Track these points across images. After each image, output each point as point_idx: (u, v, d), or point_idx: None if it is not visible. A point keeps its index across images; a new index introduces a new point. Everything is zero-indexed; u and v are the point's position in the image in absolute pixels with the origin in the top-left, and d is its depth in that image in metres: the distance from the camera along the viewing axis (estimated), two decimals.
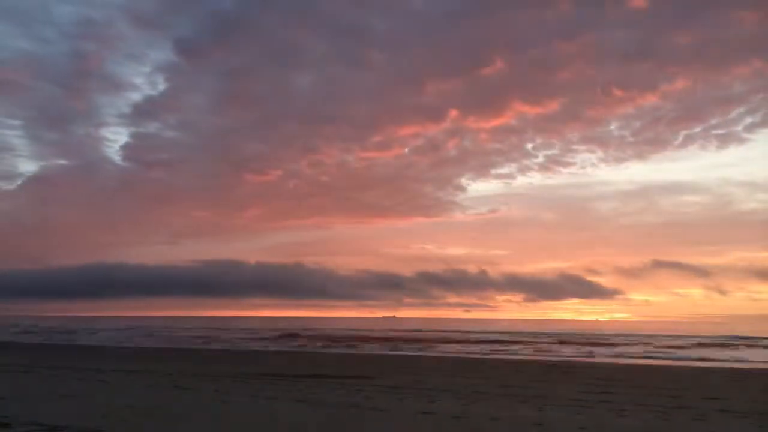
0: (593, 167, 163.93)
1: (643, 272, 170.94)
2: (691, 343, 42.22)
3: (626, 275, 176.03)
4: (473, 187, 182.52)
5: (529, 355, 31.73)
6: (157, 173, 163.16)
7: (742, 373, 21.89)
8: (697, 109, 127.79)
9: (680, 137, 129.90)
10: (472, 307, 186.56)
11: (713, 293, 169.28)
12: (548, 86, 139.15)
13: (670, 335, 52.90)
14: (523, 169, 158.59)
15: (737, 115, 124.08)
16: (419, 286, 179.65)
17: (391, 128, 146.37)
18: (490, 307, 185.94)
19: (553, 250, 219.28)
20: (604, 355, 31.52)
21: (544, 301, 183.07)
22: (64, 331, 61.29)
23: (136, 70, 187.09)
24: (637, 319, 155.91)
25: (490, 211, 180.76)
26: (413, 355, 31.35)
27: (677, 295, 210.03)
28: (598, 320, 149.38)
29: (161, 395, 12.22)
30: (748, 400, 13.06)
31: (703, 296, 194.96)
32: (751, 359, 28.53)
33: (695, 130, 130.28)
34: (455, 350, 35.09)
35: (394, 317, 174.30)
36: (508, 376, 18.88)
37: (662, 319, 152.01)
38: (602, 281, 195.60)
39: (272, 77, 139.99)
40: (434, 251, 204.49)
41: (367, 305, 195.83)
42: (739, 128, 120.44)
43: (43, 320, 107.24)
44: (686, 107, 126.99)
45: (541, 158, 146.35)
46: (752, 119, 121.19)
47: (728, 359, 28.54)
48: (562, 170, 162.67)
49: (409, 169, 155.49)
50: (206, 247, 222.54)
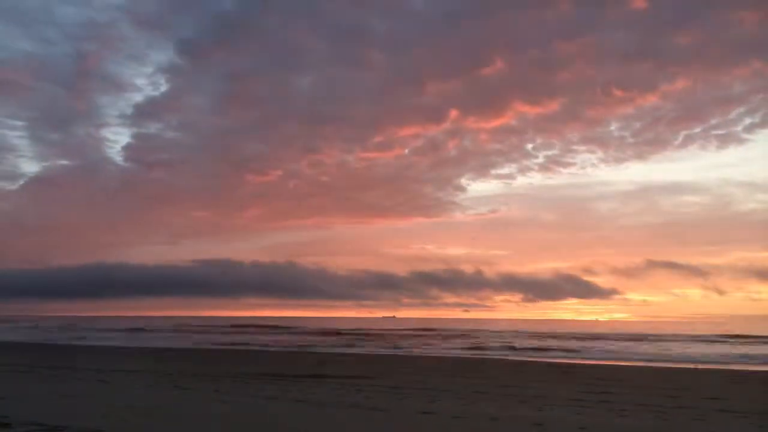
0: (593, 167, 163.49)
1: (642, 272, 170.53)
2: (691, 342, 42.20)
3: (625, 275, 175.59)
4: (473, 187, 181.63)
5: (534, 357, 31.75)
6: (158, 173, 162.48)
7: (742, 373, 21.90)
8: (697, 109, 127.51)
9: (680, 137, 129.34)
10: (470, 307, 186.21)
11: (713, 293, 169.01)
12: (548, 86, 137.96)
13: (675, 334, 52.87)
14: (523, 169, 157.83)
15: (737, 115, 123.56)
16: (419, 286, 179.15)
17: (391, 129, 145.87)
18: (488, 307, 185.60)
19: (553, 250, 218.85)
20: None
21: (542, 301, 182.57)
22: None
23: (137, 70, 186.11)
24: (636, 319, 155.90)
25: (490, 211, 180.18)
26: (413, 355, 31.35)
27: (677, 295, 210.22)
28: (597, 320, 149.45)
29: (161, 395, 12.22)
30: (747, 400, 13.07)
31: (702, 296, 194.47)
32: (750, 359, 28.52)
33: (695, 130, 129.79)
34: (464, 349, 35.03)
35: (393, 317, 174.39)
36: (508, 376, 18.89)
37: (662, 319, 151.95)
38: (601, 281, 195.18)
39: (273, 78, 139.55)
40: (434, 251, 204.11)
41: (366, 305, 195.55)
42: (738, 128, 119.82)
43: (44, 320, 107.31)
44: (686, 107, 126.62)
45: (541, 158, 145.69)
46: (752, 120, 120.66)
47: (728, 359, 28.55)
48: (562, 170, 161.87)
49: (409, 169, 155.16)
50: (206, 247, 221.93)
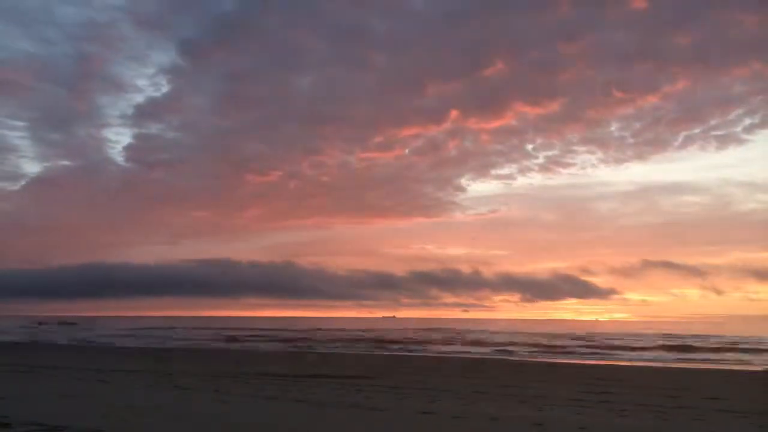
0: (593, 168, 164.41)
1: (642, 272, 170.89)
2: (690, 342, 42.19)
3: (625, 275, 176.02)
4: (473, 187, 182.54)
5: (531, 357, 31.75)
6: (159, 174, 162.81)
7: (742, 373, 21.90)
8: (696, 110, 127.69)
9: (680, 138, 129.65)
10: (470, 307, 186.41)
11: (712, 293, 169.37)
12: (549, 87, 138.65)
13: (679, 335, 52.86)
14: (523, 169, 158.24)
15: (736, 116, 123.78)
16: (418, 286, 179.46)
17: (391, 129, 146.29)
18: (487, 307, 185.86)
19: (552, 250, 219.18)
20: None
21: (541, 301, 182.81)
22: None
23: (138, 71, 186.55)
24: (636, 319, 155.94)
25: (490, 211, 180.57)
26: (413, 355, 31.36)
27: (676, 295, 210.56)
28: (597, 320, 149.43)
29: (161, 395, 12.21)
30: (747, 400, 13.08)
31: (701, 296, 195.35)
32: (750, 359, 28.52)
33: (695, 131, 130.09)
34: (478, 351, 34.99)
35: (393, 317, 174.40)
36: (508, 376, 18.89)
37: (661, 319, 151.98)
38: (601, 281, 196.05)
39: (273, 78, 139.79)
40: (434, 251, 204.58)
41: (366, 305, 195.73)
42: (738, 129, 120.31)
43: (45, 320, 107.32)
44: (686, 108, 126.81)
45: (541, 159, 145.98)
46: (751, 120, 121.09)
47: (728, 359, 28.55)
48: (562, 171, 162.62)
49: (409, 169, 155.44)
50: (207, 247, 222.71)
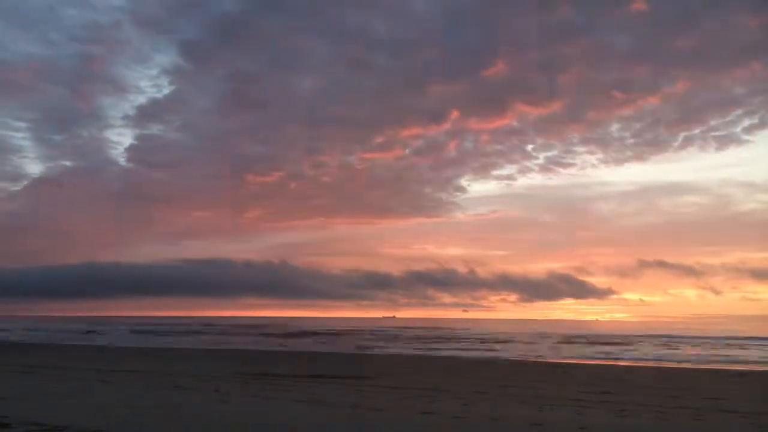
0: (593, 168, 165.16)
1: (641, 272, 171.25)
2: (691, 342, 42.19)
3: (625, 275, 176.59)
4: (474, 187, 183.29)
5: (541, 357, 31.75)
6: (160, 174, 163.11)
7: (741, 373, 21.89)
8: (696, 111, 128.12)
9: (680, 139, 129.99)
10: (469, 307, 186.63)
11: (712, 293, 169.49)
12: (549, 88, 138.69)
13: (681, 335, 52.85)
14: (523, 170, 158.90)
15: (736, 117, 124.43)
16: (418, 286, 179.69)
17: (392, 130, 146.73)
18: (485, 307, 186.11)
19: (553, 250, 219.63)
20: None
21: (540, 301, 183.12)
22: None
23: (141, 72, 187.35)
24: (637, 319, 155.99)
25: (490, 211, 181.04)
26: (413, 355, 31.36)
27: (677, 295, 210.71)
28: (597, 320, 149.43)
29: (161, 395, 12.21)
30: (747, 400, 13.08)
31: (701, 296, 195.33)
32: (750, 359, 28.51)
33: (695, 131, 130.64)
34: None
35: (393, 317, 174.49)
36: (508, 376, 18.89)
37: (661, 319, 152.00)
38: (600, 281, 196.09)
39: (275, 80, 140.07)
40: (434, 252, 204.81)
41: (365, 305, 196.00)
42: (737, 130, 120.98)
43: (46, 320, 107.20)
44: (686, 109, 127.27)
45: (541, 159, 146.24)
46: (751, 121, 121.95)
47: (728, 359, 28.54)
48: (562, 171, 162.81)
49: (410, 170, 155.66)
50: (208, 247, 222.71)
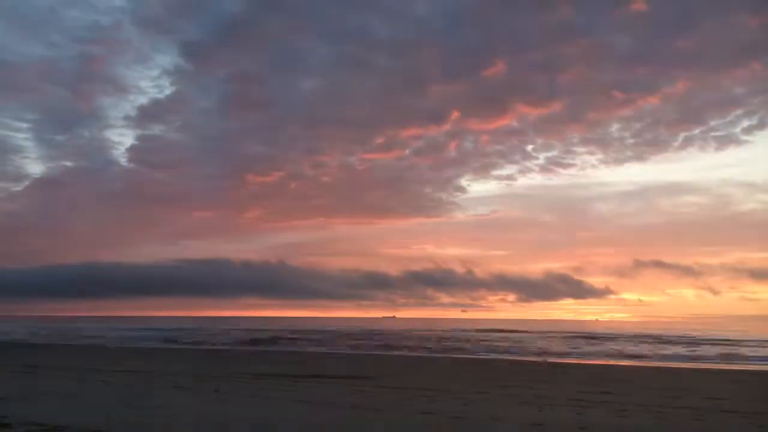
0: (593, 168, 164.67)
1: (641, 272, 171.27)
2: (692, 342, 42.17)
3: (624, 275, 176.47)
4: (474, 188, 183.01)
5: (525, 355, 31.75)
6: (161, 175, 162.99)
7: (741, 373, 21.90)
8: (696, 111, 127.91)
9: (680, 139, 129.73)
10: (467, 307, 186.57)
11: (711, 293, 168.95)
12: (549, 88, 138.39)
13: (682, 335, 52.82)
14: (523, 170, 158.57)
15: (736, 117, 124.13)
16: (417, 286, 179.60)
17: (392, 130, 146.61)
18: (484, 307, 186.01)
19: (553, 250, 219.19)
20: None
21: (539, 301, 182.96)
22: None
23: (142, 73, 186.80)
24: (637, 319, 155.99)
25: (490, 211, 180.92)
26: (413, 355, 31.35)
27: (674, 295, 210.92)
28: (597, 320, 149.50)
29: (161, 395, 12.21)
30: (747, 400, 13.08)
31: (701, 296, 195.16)
32: (750, 359, 28.52)
33: (694, 132, 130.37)
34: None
35: (393, 317, 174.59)
36: (508, 376, 18.89)
37: (661, 319, 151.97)
38: (599, 281, 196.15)
39: (276, 80, 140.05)
40: (434, 252, 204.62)
41: (365, 306, 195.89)
42: (737, 130, 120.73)
43: (46, 320, 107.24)
44: (686, 109, 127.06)
45: (541, 159, 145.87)
46: (750, 122, 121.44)
47: (728, 359, 28.54)
48: (562, 171, 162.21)
49: (410, 170, 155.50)
50: (209, 247, 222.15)
